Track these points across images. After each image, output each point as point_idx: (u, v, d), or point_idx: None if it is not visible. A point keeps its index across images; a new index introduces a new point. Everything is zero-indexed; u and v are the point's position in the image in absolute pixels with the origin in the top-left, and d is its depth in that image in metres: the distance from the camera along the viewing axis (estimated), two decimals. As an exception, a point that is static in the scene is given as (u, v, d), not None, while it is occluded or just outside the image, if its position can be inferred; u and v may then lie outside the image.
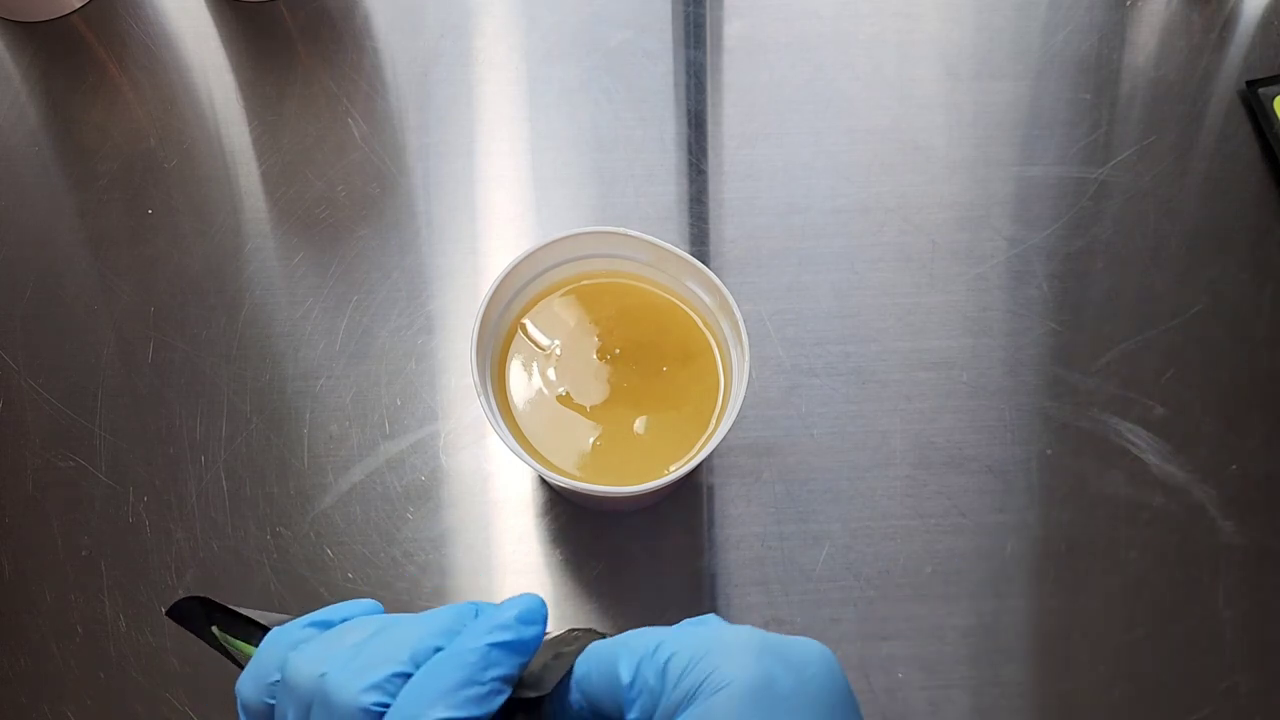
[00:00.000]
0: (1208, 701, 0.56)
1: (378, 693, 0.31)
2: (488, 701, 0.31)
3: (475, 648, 0.31)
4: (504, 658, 0.31)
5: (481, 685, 0.31)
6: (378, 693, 0.31)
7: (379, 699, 0.31)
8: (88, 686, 0.56)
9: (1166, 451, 0.61)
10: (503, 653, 0.31)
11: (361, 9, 0.74)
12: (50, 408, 0.62)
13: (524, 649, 0.32)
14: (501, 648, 0.31)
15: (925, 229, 0.67)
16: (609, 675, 0.32)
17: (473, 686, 0.31)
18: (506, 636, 0.31)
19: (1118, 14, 0.73)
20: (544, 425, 0.55)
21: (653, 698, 0.31)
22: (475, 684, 0.31)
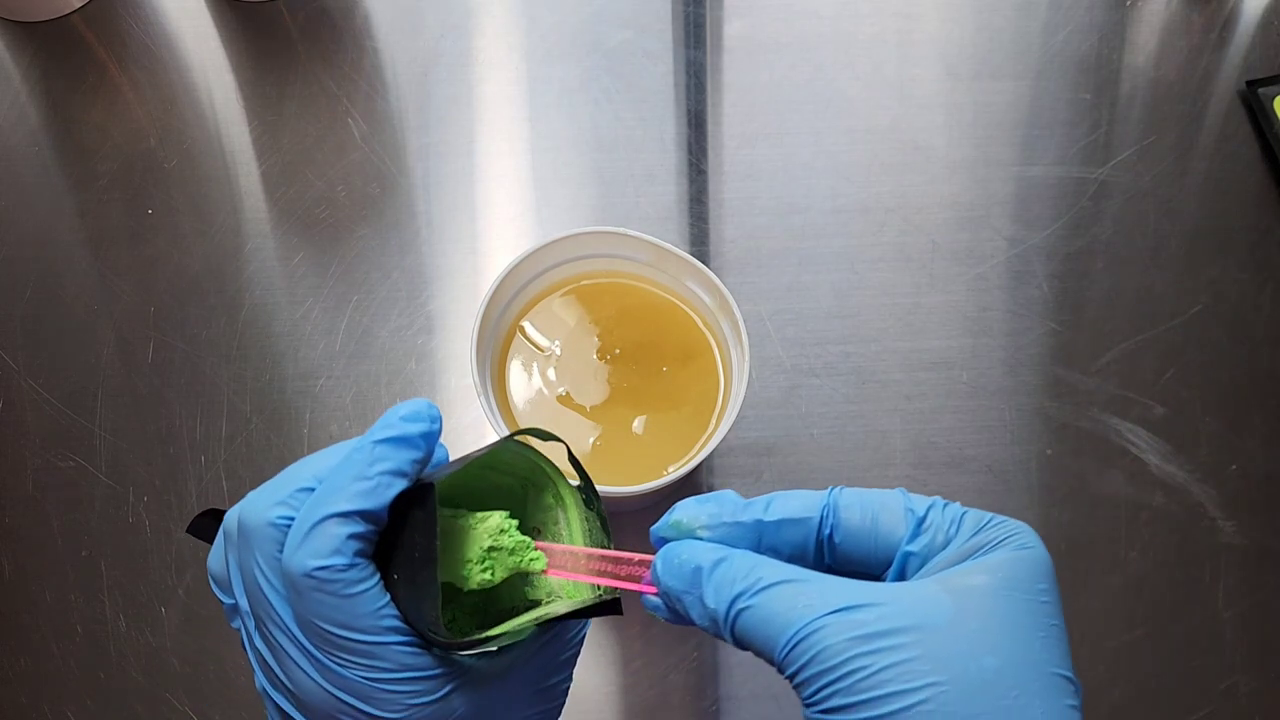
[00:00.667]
0: (1208, 701, 0.56)
1: (282, 508, 0.34)
2: (377, 494, 0.33)
3: (362, 446, 0.33)
4: (389, 452, 0.33)
5: (368, 480, 0.33)
6: (282, 508, 0.34)
7: (283, 513, 0.34)
8: (88, 686, 0.56)
9: (1166, 451, 0.61)
10: (388, 448, 0.33)
11: (361, 9, 0.74)
12: (50, 408, 0.62)
13: (410, 444, 0.33)
14: (386, 444, 0.33)
15: (925, 229, 0.67)
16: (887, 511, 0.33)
17: (361, 481, 0.33)
18: (390, 434, 0.33)
19: (1118, 14, 0.73)
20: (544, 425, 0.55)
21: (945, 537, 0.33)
22: (363, 479, 0.33)
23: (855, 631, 0.30)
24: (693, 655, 0.57)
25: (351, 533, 0.33)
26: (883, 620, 0.30)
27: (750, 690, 0.56)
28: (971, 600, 0.31)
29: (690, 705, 0.56)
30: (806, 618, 0.31)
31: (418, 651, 0.33)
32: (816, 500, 0.34)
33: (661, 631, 0.57)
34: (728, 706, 0.56)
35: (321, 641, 0.33)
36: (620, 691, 0.56)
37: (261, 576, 0.34)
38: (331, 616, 0.32)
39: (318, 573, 0.32)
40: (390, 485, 0.33)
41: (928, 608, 0.30)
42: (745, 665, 0.57)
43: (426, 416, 0.34)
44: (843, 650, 0.30)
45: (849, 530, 0.33)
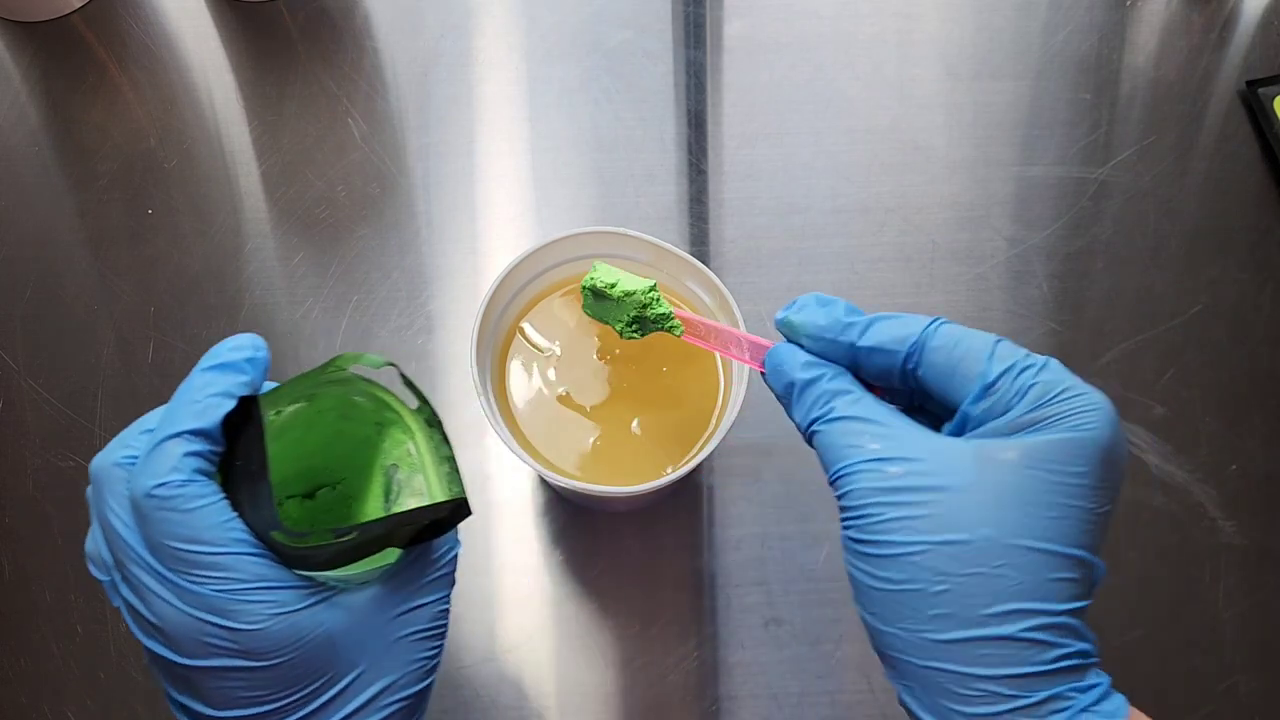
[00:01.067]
0: (1208, 701, 0.56)
1: (126, 449, 0.36)
2: (208, 414, 0.35)
3: (192, 375, 0.36)
4: (216, 377, 0.36)
5: (198, 402, 0.35)
6: (126, 449, 0.36)
7: (127, 453, 0.36)
8: (88, 686, 0.56)
9: (1166, 451, 0.61)
10: (215, 373, 0.36)
11: (361, 9, 0.74)
12: (50, 408, 0.62)
13: (236, 369, 0.36)
14: (213, 370, 0.36)
15: (925, 229, 0.67)
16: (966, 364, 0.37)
17: (192, 404, 0.35)
18: (216, 361, 0.36)
19: (1118, 14, 0.73)
20: (544, 425, 0.55)
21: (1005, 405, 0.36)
22: (194, 402, 0.35)
23: (880, 483, 0.35)
24: (693, 655, 0.57)
25: (187, 450, 0.34)
26: (907, 476, 0.35)
27: (750, 690, 0.56)
28: (993, 472, 0.34)
29: (690, 705, 0.56)
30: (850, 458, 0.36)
31: (270, 563, 0.35)
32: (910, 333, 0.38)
33: (661, 631, 0.57)
34: (728, 706, 0.56)
35: (173, 561, 0.34)
36: (620, 691, 0.56)
37: (114, 516, 0.35)
38: (177, 533, 0.34)
39: (157, 490, 0.34)
40: (220, 405, 0.35)
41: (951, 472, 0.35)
42: (745, 665, 0.57)
43: (250, 345, 0.37)
44: (867, 495, 0.35)
45: (931, 368, 0.38)
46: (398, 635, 0.37)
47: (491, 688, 0.56)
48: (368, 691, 0.36)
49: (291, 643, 0.34)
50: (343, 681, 0.36)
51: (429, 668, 0.38)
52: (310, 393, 0.39)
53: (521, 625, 0.57)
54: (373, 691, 0.36)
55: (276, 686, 0.35)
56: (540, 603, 0.58)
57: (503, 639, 0.57)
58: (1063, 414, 0.35)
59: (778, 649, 0.57)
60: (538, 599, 0.58)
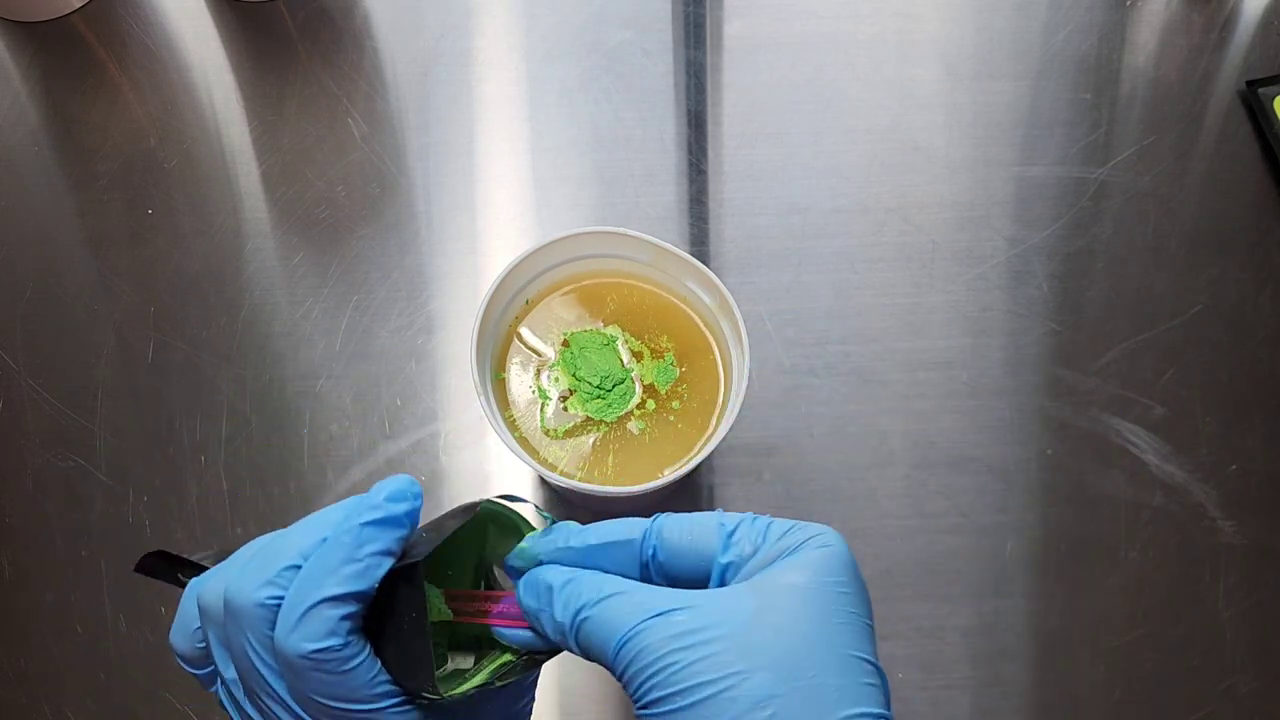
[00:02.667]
0: (1208, 701, 0.56)
1: (271, 587, 0.34)
2: (367, 576, 0.34)
3: (349, 528, 0.34)
4: (377, 534, 0.34)
5: (359, 562, 0.34)
6: (271, 587, 0.34)
7: (272, 593, 0.34)
8: (88, 686, 0.56)
9: (1166, 451, 0.61)
10: (375, 529, 0.34)
11: (361, 9, 0.74)
12: (50, 408, 0.62)
13: (397, 523, 0.35)
14: (374, 525, 0.34)
15: (925, 229, 0.67)
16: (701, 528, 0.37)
17: (351, 564, 0.34)
18: (376, 515, 0.35)
19: (1118, 14, 0.73)
20: (544, 425, 0.55)
21: (753, 546, 0.36)
22: (353, 561, 0.34)
23: (670, 631, 0.33)
24: (693, 655, 0.57)
25: (344, 614, 0.34)
26: (694, 620, 0.33)
27: (750, 690, 0.56)
28: (774, 596, 0.34)
29: (690, 705, 0.56)
30: (631, 622, 0.34)
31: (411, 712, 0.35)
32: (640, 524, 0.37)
33: (661, 631, 0.57)
34: (728, 706, 0.56)
35: (320, 713, 0.34)
36: (620, 691, 0.56)
37: (255, 655, 0.35)
38: (329, 692, 0.34)
39: (314, 655, 0.34)
40: (379, 565, 0.34)
41: (734, 607, 0.34)
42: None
43: (410, 494, 0.35)
44: (659, 648, 0.33)
45: (670, 550, 0.37)
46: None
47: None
48: None
49: None
50: None
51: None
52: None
53: (521, 625, 0.57)
54: None
55: None
56: (540, 603, 0.58)
57: (503, 639, 0.57)
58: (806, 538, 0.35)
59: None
60: (538, 599, 0.58)
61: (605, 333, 0.56)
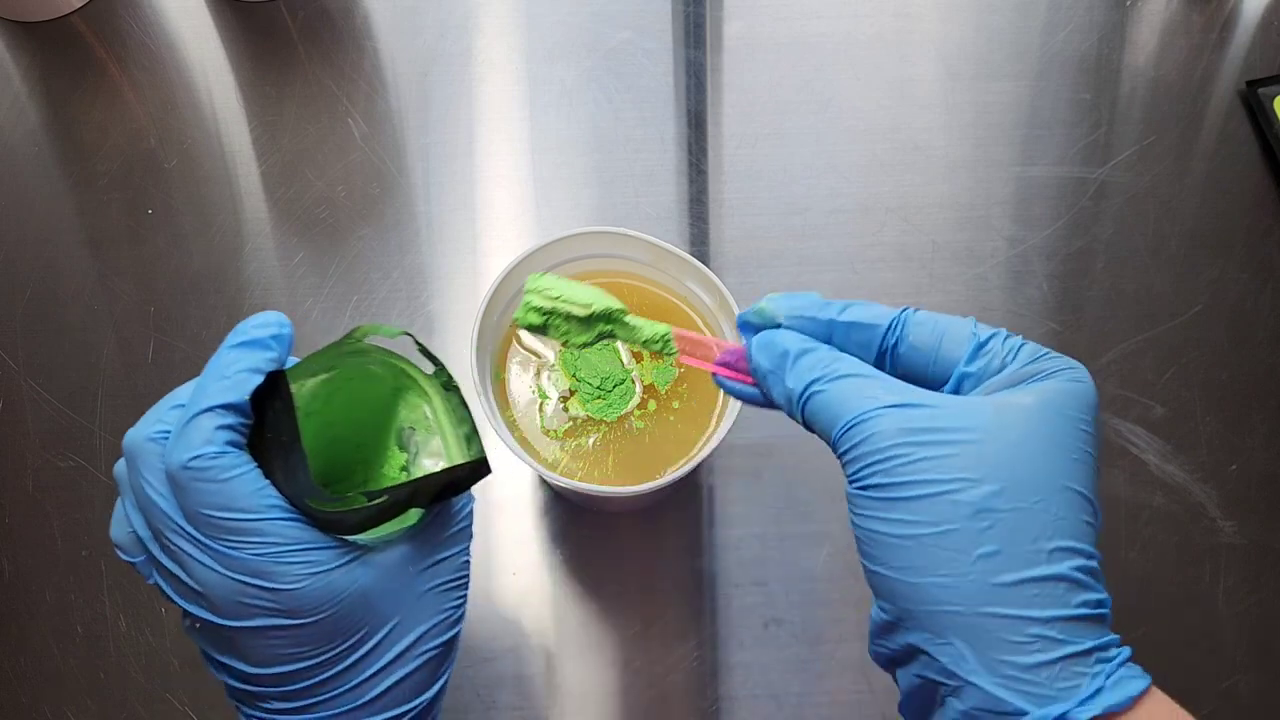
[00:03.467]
0: (1208, 701, 0.56)
1: (159, 424, 0.37)
2: (237, 389, 0.36)
3: (220, 353, 0.38)
4: (243, 354, 0.37)
5: (228, 379, 0.37)
6: (159, 424, 0.37)
7: (160, 428, 0.37)
8: (88, 686, 0.56)
9: (1166, 451, 0.61)
10: (241, 350, 0.37)
11: (361, 9, 0.74)
12: (50, 408, 0.62)
13: (262, 345, 0.38)
14: (240, 347, 0.38)
15: (925, 229, 0.67)
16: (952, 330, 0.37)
17: (222, 380, 0.37)
18: (243, 338, 0.38)
19: (1118, 14, 0.73)
20: (544, 425, 0.55)
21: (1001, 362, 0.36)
22: (224, 378, 0.37)
23: (905, 424, 0.34)
24: (693, 655, 0.57)
25: (219, 424, 0.36)
26: (932, 419, 0.34)
27: (750, 690, 0.56)
28: (1015, 415, 0.34)
29: (690, 705, 0.56)
30: (866, 406, 0.35)
31: (304, 526, 0.36)
32: (888, 311, 0.38)
33: (661, 631, 0.57)
34: (727, 706, 0.56)
35: (211, 529, 0.36)
36: (620, 691, 0.56)
37: (151, 489, 0.36)
38: (214, 502, 0.35)
39: (193, 463, 0.35)
40: (248, 380, 0.37)
41: (974, 416, 0.34)
42: (745, 665, 0.57)
43: (275, 322, 0.38)
44: (891, 437, 0.34)
45: (914, 344, 0.38)
46: (426, 588, 0.39)
47: (491, 688, 0.56)
48: (402, 642, 0.38)
49: (328, 600, 0.36)
50: (378, 635, 0.38)
51: (456, 616, 0.40)
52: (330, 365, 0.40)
53: (521, 625, 0.57)
54: (406, 642, 0.38)
55: (316, 642, 0.37)
56: (540, 603, 0.58)
57: (503, 639, 0.57)
58: (1056, 369, 0.36)
59: (778, 649, 0.57)
60: (538, 599, 0.58)
61: None
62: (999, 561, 0.33)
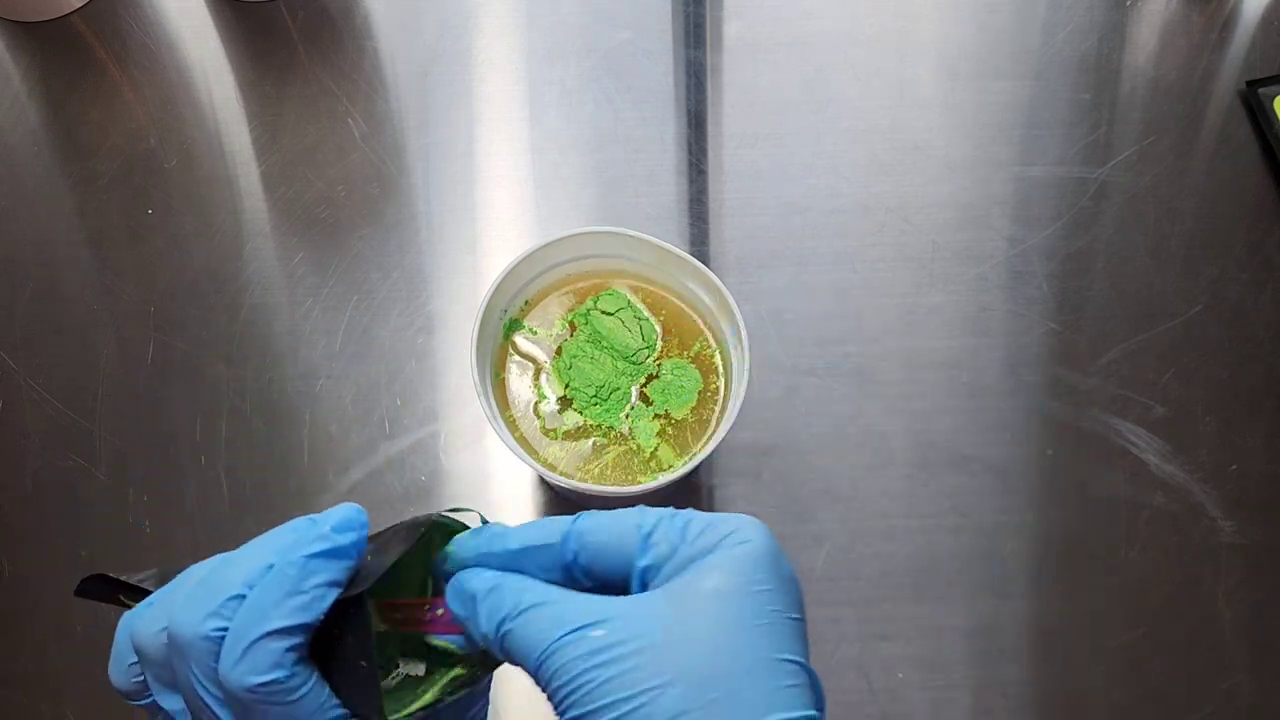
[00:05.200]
0: (1208, 701, 0.56)
1: (215, 619, 0.34)
2: (312, 608, 0.34)
3: (294, 560, 0.34)
4: (323, 566, 0.34)
5: (304, 594, 0.34)
6: (215, 619, 0.34)
7: (217, 625, 0.34)
8: (88, 686, 0.56)
9: (1166, 451, 0.61)
10: (321, 561, 0.34)
11: (361, 9, 0.74)
12: (50, 408, 0.62)
13: (342, 554, 0.35)
14: (319, 557, 0.34)
15: (925, 229, 0.67)
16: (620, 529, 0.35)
17: (297, 596, 0.34)
18: (322, 546, 0.34)
19: (1118, 14, 0.73)
20: (544, 425, 0.55)
21: (670, 547, 0.35)
22: (299, 594, 0.34)
23: (586, 648, 0.33)
24: (693, 655, 0.57)
25: (290, 645, 0.34)
26: (610, 635, 0.33)
27: (750, 690, 0.56)
28: (689, 603, 0.33)
29: (690, 705, 0.56)
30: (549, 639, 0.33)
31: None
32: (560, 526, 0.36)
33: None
34: (728, 706, 0.56)
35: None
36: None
37: (201, 689, 0.34)
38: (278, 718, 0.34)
39: (260, 689, 0.33)
40: (324, 597, 0.34)
41: (650, 618, 0.33)
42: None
43: (357, 524, 0.35)
44: (575, 666, 0.33)
45: (593, 552, 0.36)
46: None
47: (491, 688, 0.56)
48: None
49: None
50: None
51: None
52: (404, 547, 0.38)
53: (521, 625, 0.57)
54: None
55: None
56: (540, 603, 0.58)
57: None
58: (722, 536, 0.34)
59: (778, 649, 0.57)
60: (538, 599, 0.58)
61: (619, 293, 0.57)
62: None
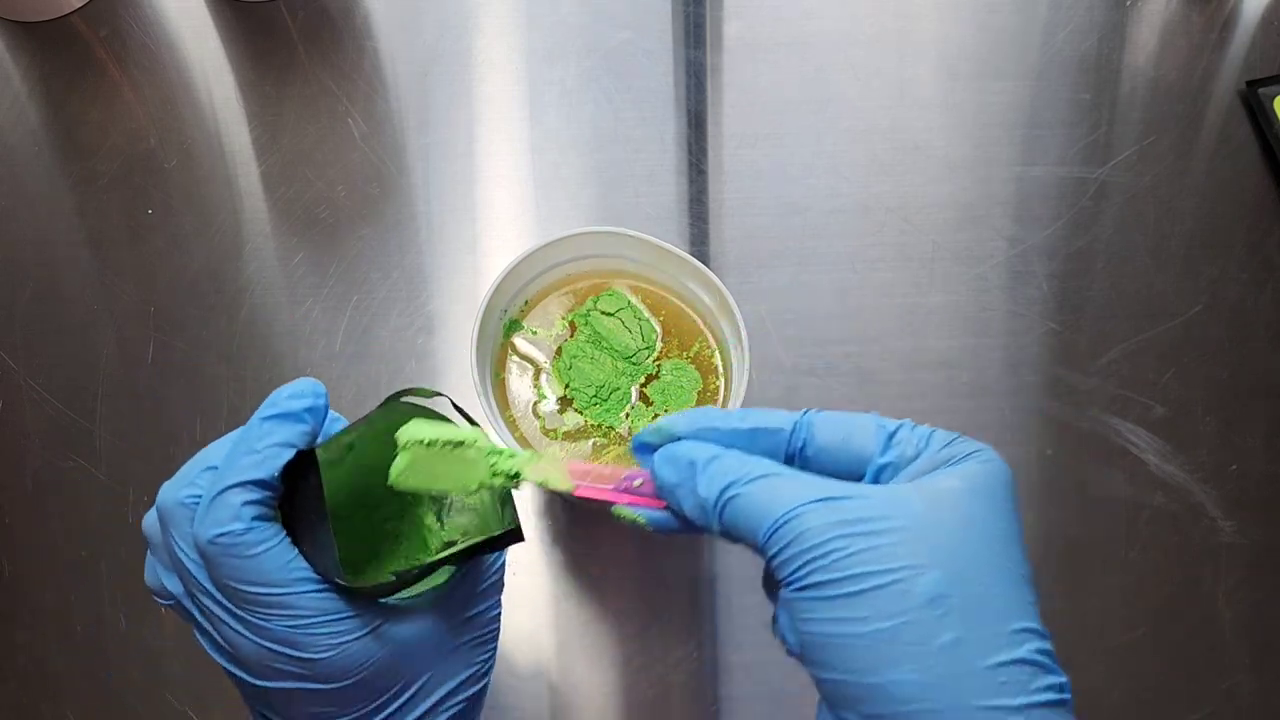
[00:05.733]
0: (1208, 701, 0.56)
1: (190, 488, 0.37)
2: (265, 465, 0.36)
3: (252, 424, 0.37)
4: (275, 427, 0.37)
5: (258, 453, 0.36)
6: (190, 488, 0.37)
7: (191, 492, 0.37)
8: (88, 686, 0.56)
9: (1166, 451, 0.61)
10: (274, 423, 0.37)
11: (361, 9, 0.74)
12: (50, 408, 0.62)
13: (295, 418, 0.37)
14: (272, 419, 0.37)
15: (925, 229, 0.67)
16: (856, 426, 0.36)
17: (251, 454, 0.36)
18: (275, 410, 0.37)
19: (1118, 14, 0.73)
20: (544, 425, 0.55)
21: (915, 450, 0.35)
22: (253, 453, 0.36)
23: (835, 517, 0.32)
24: (693, 655, 0.57)
25: (246, 500, 0.36)
26: (862, 510, 0.32)
27: (750, 690, 0.56)
28: (945, 500, 0.33)
29: (690, 705, 0.56)
30: (791, 504, 0.33)
31: (332, 596, 0.36)
32: (790, 416, 0.37)
33: (661, 631, 0.57)
34: (727, 707, 0.56)
35: (240, 600, 0.36)
36: (620, 691, 0.56)
37: (183, 554, 0.37)
38: (241, 576, 0.36)
39: (219, 539, 0.35)
40: (278, 455, 0.36)
41: (904, 504, 0.33)
42: (745, 666, 0.57)
43: (310, 393, 0.38)
44: (823, 532, 0.32)
45: (821, 445, 0.36)
46: (457, 643, 0.39)
47: (492, 688, 0.56)
48: (433, 697, 0.39)
49: (357, 666, 0.36)
50: (409, 691, 0.38)
51: (485, 669, 0.40)
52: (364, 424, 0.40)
53: (521, 625, 0.57)
54: (437, 696, 0.39)
55: (346, 702, 0.37)
56: (540, 603, 0.58)
57: (503, 639, 0.57)
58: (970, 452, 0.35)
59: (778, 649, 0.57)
60: (538, 599, 0.58)
61: (619, 293, 0.57)
62: (963, 650, 0.31)
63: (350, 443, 0.39)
